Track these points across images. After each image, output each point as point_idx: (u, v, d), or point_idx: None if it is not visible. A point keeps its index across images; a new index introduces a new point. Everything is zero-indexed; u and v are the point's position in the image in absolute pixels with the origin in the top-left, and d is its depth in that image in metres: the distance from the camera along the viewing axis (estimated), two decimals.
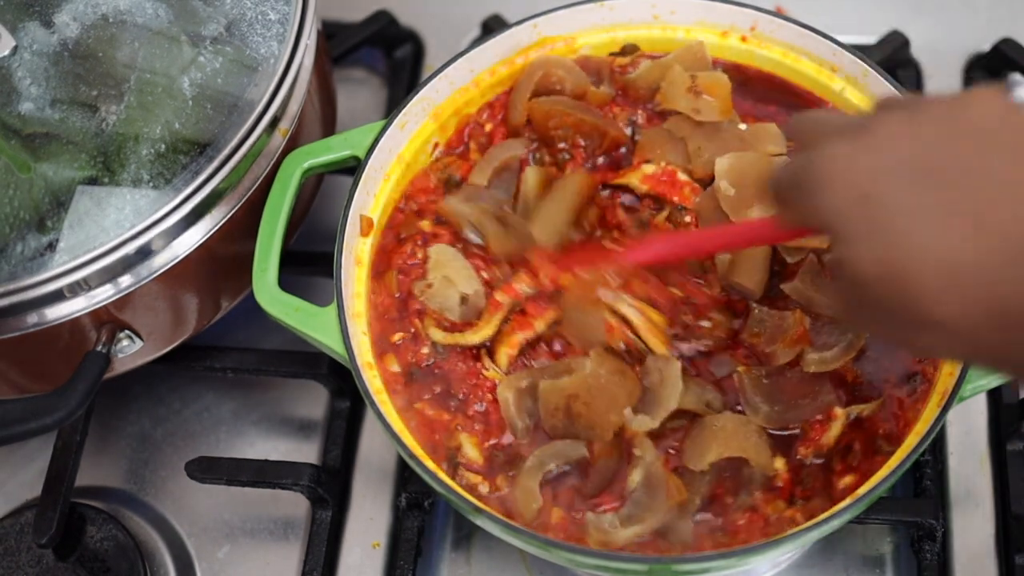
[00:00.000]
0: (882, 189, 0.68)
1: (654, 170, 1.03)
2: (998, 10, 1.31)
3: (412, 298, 1.00)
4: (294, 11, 1.01)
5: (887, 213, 0.67)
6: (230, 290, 1.05)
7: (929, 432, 0.88)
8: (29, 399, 0.95)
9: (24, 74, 0.97)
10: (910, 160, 0.68)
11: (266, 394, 1.15)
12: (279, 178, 1.00)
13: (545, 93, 1.07)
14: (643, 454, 0.92)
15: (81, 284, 0.91)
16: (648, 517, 0.90)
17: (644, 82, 1.07)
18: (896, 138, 0.69)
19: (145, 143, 0.95)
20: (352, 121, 1.12)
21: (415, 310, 1.00)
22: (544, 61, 1.08)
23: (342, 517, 1.07)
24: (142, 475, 1.12)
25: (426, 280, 1.00)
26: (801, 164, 0.72)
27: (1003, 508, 1.03)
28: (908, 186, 0.67)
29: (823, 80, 1.06)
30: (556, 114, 1.05)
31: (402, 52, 1.32)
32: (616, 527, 0.90)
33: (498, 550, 1.06)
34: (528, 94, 1.07)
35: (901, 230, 0.67)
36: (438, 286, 0.99)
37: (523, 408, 0.96)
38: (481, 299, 1.00)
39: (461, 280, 1.00)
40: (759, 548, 0.86)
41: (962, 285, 0.66)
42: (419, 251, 1.02)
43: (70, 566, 1.04)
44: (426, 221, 1.04)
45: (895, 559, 1.03)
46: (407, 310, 1.00)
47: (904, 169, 0.68)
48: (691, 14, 1.09)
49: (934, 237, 0.66)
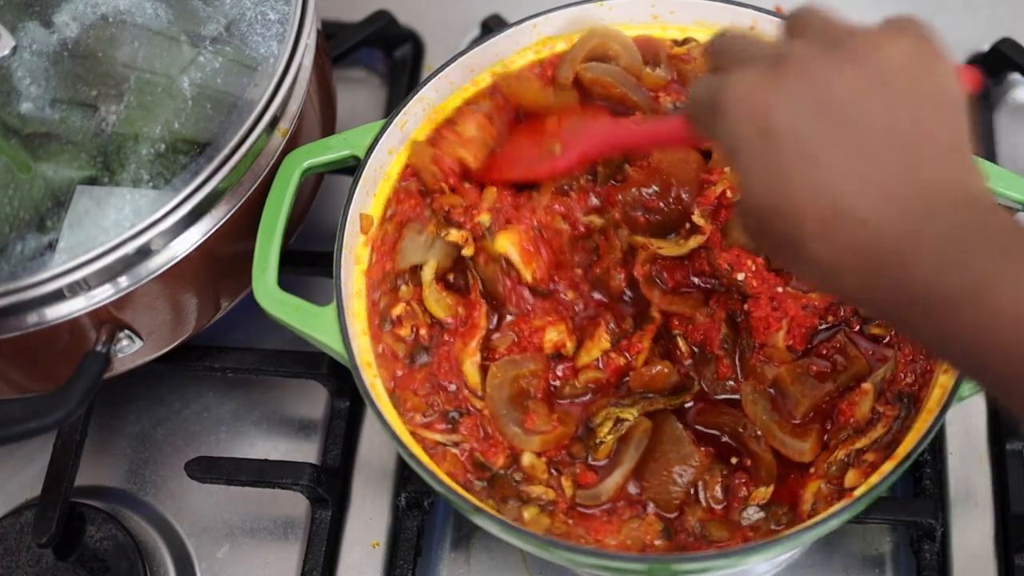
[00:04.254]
0: (781, 126, 0.69)
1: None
2: (998, 10, 1.31)
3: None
4: (294, 11, 1.01)
5: (781, 150, 0.69)
6: (230, 290, 1.05)
7: (928, 432, 0.88)
8: (29, 399, 0.95)
9: (24, 74, 0.97)
10: (813, 100, 0.69)
11: (266, 394, 1.15)
12: (279, 178, 1.00)
13: (598, 62, 1.07)
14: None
15: (81, 284, 0.91)
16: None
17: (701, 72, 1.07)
18: (804, 76, 0.70)
19: (145, 143, 0.95)
20: (352, 121, 1.12)
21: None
22: (604, 31, 1.08)
23: (342, 517, 1.07)
24: (142, 475, 1.12)
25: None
26: (713, 86, 0.73)
27: (1002, 508, 1.03)
28: (806, 126, 0.69)
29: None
30: (603, 84, 1.05)
31: (402, 52, 1.32)
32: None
33: (498, 550, 1.06)
34: (581, 56, 1.07)
35: (791, 168, 0.69)
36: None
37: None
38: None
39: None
40: (759, 548, 0.86)
41: (839, 230, 0.68)
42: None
43: (70, 566, 1.04)
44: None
45: (895, 559, 1.03)
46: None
47: (806, 109, 0.69)
48: (690, 14, 1.09)
49: (821, 180, 0.68)
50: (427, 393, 0.99)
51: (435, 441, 0.96)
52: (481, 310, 1.02)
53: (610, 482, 0.96)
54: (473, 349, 1.01)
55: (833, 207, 0.68)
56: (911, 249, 0.67)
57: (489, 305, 1.02)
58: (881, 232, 0.67)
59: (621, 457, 0.97)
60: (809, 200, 0.69)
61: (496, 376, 0.99)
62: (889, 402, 0.95)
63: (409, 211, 1.03)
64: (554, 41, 1.10)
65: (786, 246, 0.71)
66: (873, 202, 0.68)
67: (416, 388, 0.99)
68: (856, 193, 0.68)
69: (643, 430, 0.97)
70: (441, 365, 1.00)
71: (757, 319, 1.00)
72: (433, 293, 1.02)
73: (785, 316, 0.99)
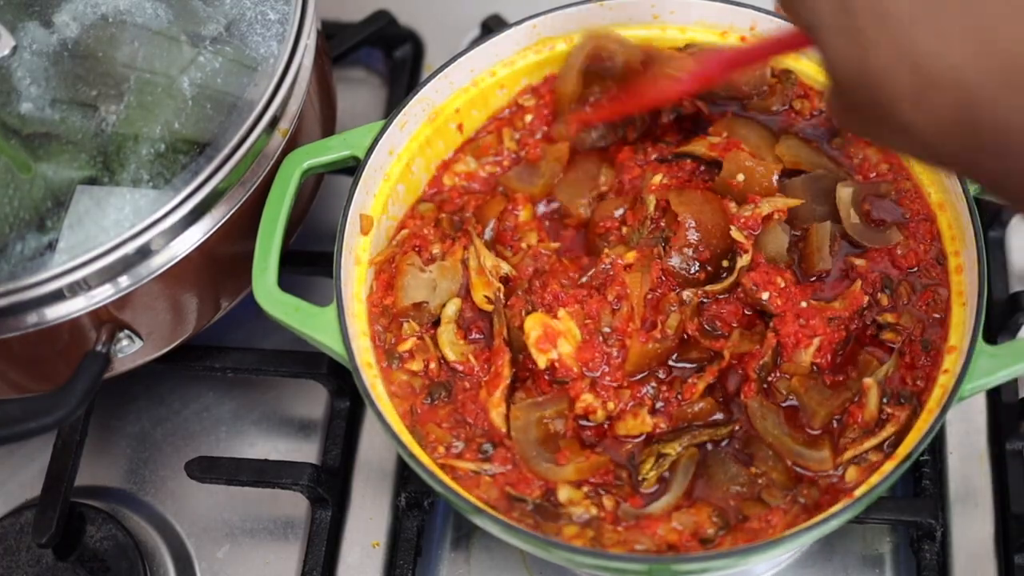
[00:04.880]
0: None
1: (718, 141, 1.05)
2: None
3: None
4: (294, 11, 1.01)
5: (861, 16, 0.68)
6: (230, 290, 1.05)
7: (928, 432, 0.88)
8: (29, 399, 0.95)
9: (24, 74, 0.97)
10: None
11: (266, 394, 1.15)
12: (279, 178, 1.00)
13: (597, 66, 1.07)
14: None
15: (81, 284, 0.91)
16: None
17: None
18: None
19: (145, 143, 0.95)
20: (352, 121, 1.12)
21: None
22: (595, 34, 1.08)
23: (342, 517, 1.07)
24: (142, 475, 1.12)
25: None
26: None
27: (1002, 508, 1.03)
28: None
29: (822, 79, 1.06)
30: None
31: (402, 52, 1.32)
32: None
33: (498, 550, 1.06)
34: (579, 65, 1.07)
35: (875, 34, 0.68)
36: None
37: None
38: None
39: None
40: (759, 548, 0.86)
41: (932, 92, 0.67)
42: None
43: (70, 566, 1.04)
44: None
45: (894, 559, 1.03)
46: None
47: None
48: (690, 14, 1.09)
49: (906, 43, 0.67)
50: (451, 427, 0.97)
51: (469, 470, 0.94)
52: (505, 358, 0.97)
53: (657, 506, 0.93)
54: (498, 400, 0.97)
55: (923, 69, 0.66)
56: (1011, 109, 0.64)
57: (513, 353, 0.98)
58: (978, 93, 0.65)
59: (670, 484, 0.94)
60: (897, 64, 0.67)
61: (519, 419, 0.96)
62: (899, 402, 0.94)
63: (418, 239, 1.03)
64: (554, 41, 1.10)
65: (879, 119, 0.70)
66: (964, 62, 0.65)
67: (440, 422, 0.97)
68: (945, 54, 0.66)
69: (689, 456, 0.95)
70: (467, 406, 0.98)
71: (785, 336, 0.97)
72: (449, 334, 1.00)
73: (814, 333, 0.97)
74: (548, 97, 1.10)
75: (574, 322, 0.98)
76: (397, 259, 1.02)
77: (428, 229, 1.05)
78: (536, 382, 0.98)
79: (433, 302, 1.02)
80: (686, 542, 0.91)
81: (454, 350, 0.99)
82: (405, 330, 1.00)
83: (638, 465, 0.95)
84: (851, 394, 0.96)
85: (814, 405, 0.96)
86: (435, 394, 0.98)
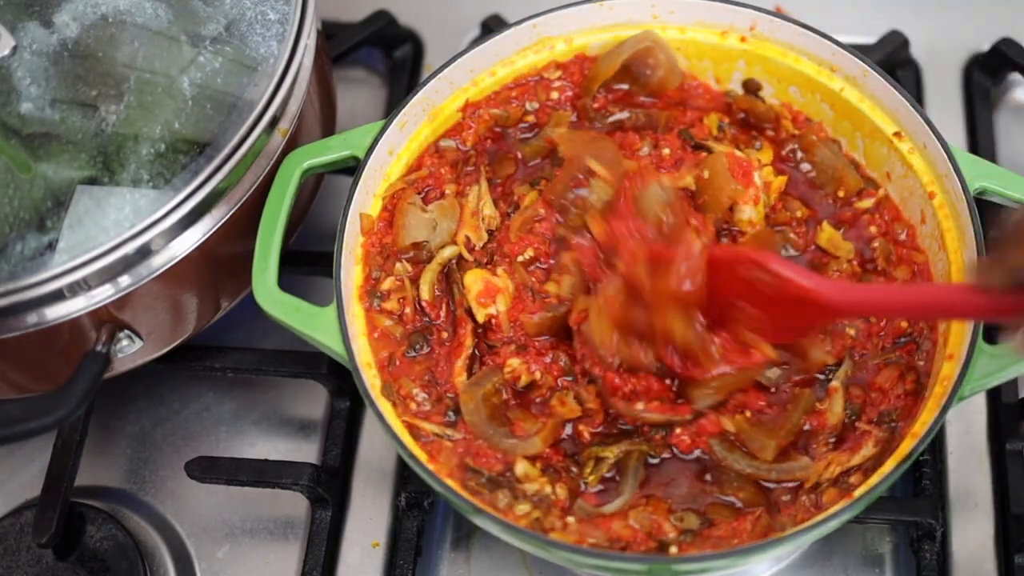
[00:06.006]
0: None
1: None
2: (997, 10, 1.31)
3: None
4: (294, 11, 1.01)
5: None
6: (230, 290, 1.05)
7: (928, 432, 0.88)
8: (29, 399, 0.95)
9: (24, 74, 0.97)
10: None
11: (266, 394, 1.15)
12: (279, 178, 1.00)
13: (637, 66, 1.08)
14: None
15: (81, 284, 0.91)
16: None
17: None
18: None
19: (145, 143, 0.95)
20: (352, 121, 1.12)
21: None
22: (655, 38, 1.08)
23: (342, 517, 1.07)
24: (142, 475, 1.12)
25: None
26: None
27: (1002, 508, 1.03)
28: None
29: (822, 80, 1.07)
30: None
31: (402, 52, 1.32)
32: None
33: (498, 550, 1.06)
34: (627, 55, 1.08)
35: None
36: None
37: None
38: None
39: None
40: (758, 548, 0.86)
41: None
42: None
43: (70, 566, 1.04)
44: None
45: (894, 559, 1.03)
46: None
47: None
48: (690, 14, 1.09)
49: None
50: (424, 385, 0.98)
51: (432, 432, 0.96)
52: (467, 327, 1.00)
53: (610, 507, 0.94)
54: (460, 368, 0.99)
55: None
56: None
57: (474, 323, 1.01)
58: None
59: (622, 486, 0.95)
60: None
61: (468, 403, 0.97)
62: (873, 422, 0.95)
63: (433, 178, 1.05)
64: (554, 41, 1.10)
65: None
66: None
67: (414, 377, 0.99)
68: None
69: (636, 459, 0.96)
70: (439, 364, 1.00)
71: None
72: (432, 273, 1.02)
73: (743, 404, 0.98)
74: (578, 76, 1.10)
75: (511, 281, 1.02)
76: (399, 197, 1.03)
77: (445, 169, 1.06)
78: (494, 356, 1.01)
79: (433, 242, 1.04)
80: (640, 540, 0.91)
81: (430, 291, 1.02)
82: (397, 269, 1.02)
83: (581, 466, 0.96)
84: (797, 418, 0.96)
85: (763, 438, 0.95)
86: (415, 344, 1.00)
